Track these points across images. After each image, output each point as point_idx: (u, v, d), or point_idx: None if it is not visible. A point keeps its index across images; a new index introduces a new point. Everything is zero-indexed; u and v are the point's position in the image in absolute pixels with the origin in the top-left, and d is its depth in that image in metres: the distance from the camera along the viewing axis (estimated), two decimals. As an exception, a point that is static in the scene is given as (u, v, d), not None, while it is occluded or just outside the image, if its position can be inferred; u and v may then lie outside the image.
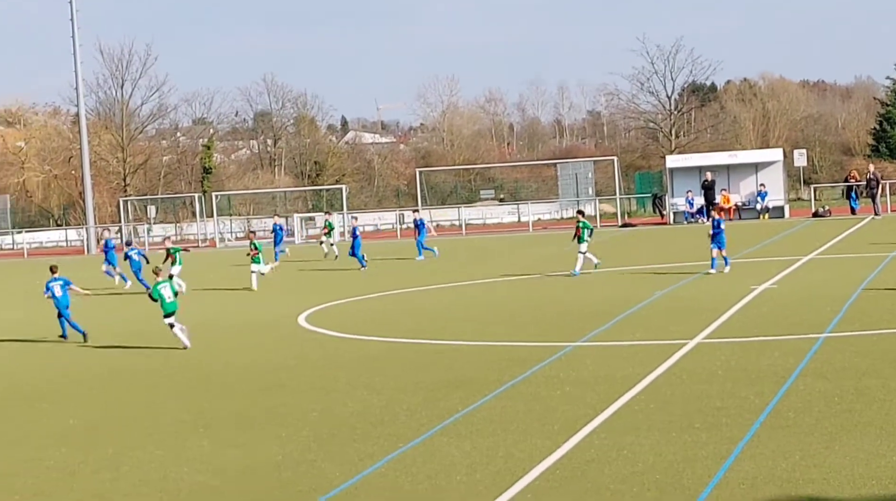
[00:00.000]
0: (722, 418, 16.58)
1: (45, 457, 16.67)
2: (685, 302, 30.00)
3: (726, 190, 71.39)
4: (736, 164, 73.66)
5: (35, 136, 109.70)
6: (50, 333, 31.11)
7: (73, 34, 79.35)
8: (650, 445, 15.24)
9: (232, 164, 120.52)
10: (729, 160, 74.89)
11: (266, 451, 16.20)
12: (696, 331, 24.64)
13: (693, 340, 23.59)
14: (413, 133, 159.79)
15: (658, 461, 14.48)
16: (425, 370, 22.19)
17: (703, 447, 15.03)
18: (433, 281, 40.08)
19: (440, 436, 16.52)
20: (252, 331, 29.83)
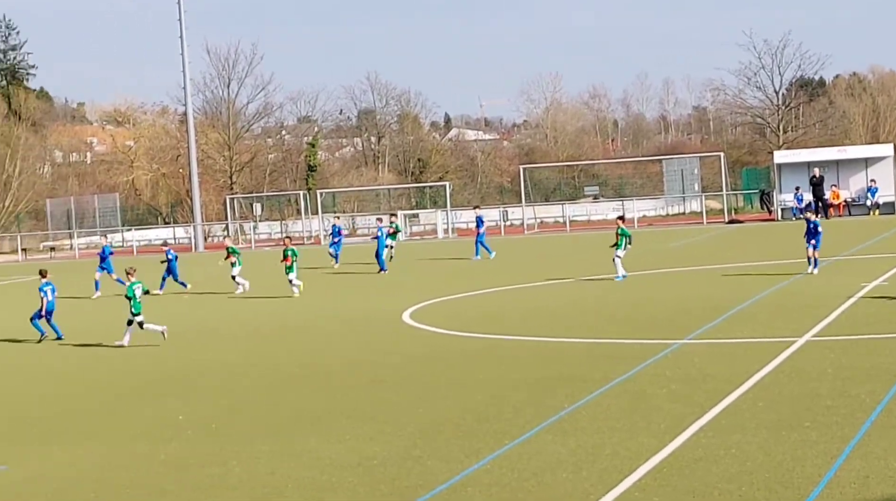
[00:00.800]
0: (832, 417, 16.35)
1: (156, 452, 16.87)
2: (793, 300, 29.62)
3: (836, 185, 70.45)
4: (845, 160, 72.61)
5: (144, 135, 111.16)
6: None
7: (181, 34, 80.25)
8: (758, 444, 15.07)
9: (336, 162, 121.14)
10: (838, 155, 73.84)
11: (372, 447, 16.26)
12: (805, 329, 24.33)
13: (802, 338, 23.30)
14: (516, 130, 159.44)
15: (767, 460, 14.31)
16: (530, 367, 22.14)
17: (812, 446, 14.83)
18: (536, 278, 39.97)
19: (545, 433, 16.47)
20: (356, 328, 29.96)
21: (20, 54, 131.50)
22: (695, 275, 38.20)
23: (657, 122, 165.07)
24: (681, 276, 38.41)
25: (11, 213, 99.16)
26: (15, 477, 16.03)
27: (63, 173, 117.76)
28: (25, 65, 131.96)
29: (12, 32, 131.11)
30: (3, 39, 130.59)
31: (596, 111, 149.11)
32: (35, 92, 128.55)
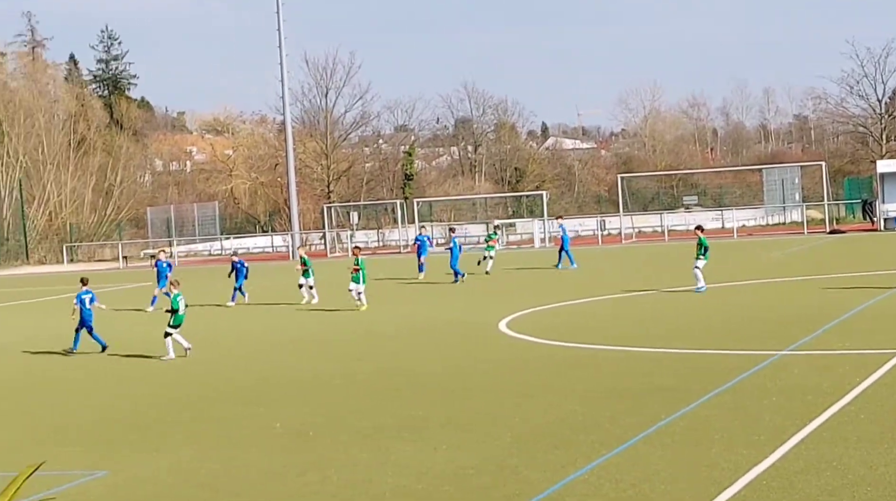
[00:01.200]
0: (936, 430, 16.07)
1: (255, 459, 16.96)
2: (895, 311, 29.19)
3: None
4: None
5: (242, 144, 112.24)
6: (259, 335, 31.74)
7: (280, 44, 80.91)
8: (860, 457, 14.83)
9: (433, 171, 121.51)
10: (942, 165, 72.73)
11: (468, 456, 16.23)
12: (908, 341, 23.95)
13: (905, 350, 22.93)
14: (614, 138, 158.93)
15: (869, 473, 14.08)
16: (628, 377, 22.00)
17: (916, 459, 14.57)
18: (634, 288, 39.75)
19: (643, 444, 16.34)
20: (453, 336, 29.97)
21: (122, 64, 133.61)
22: (795, 286, 37.76)
23: (757, 131, 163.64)
24: (781, 287, 37.99)
25: (113, 221, 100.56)
26: (114, 483, 16.20)
27: (163, 182, 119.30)
28: (127, 75, 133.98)
29: (114, 43, 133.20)
30: (106, 50, 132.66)
31: (695, 120, 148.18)
32: (136, 101, 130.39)
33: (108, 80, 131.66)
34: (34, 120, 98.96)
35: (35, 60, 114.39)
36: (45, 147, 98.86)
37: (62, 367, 28.70)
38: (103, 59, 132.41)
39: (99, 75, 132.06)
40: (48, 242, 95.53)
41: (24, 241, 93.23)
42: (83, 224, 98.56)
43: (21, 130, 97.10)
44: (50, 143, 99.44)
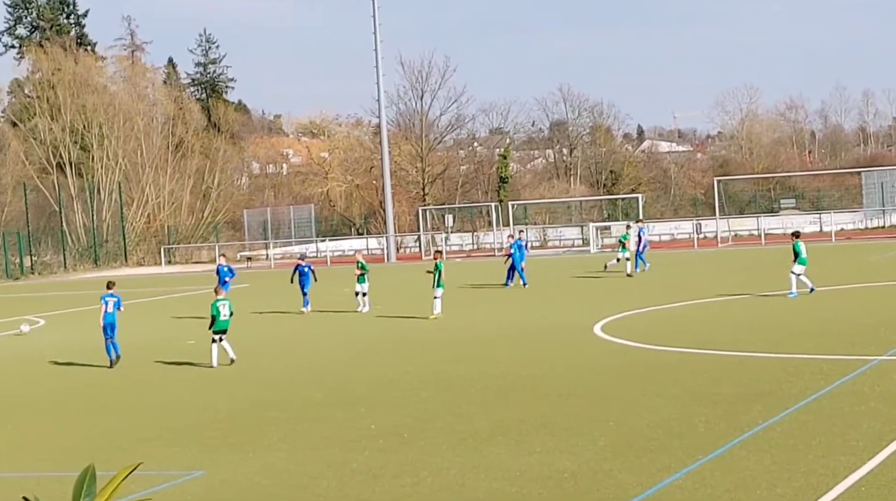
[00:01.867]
0: None
1: (349, 460, 17.05)
2: None
3: None
4: None
5: (338, 147, 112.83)
6: (352, 337, 31.89)
7: (376, 47, 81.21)
8: (962, 465, 14.61)
9: (528, 174, 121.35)
10: None
11: (562, 459, 16.19)
12: None
13: None
14: (710, 141, 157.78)
15: (970, 481, 13.87)
16: (723, 381, 21.83)
17: None
18: (730, 291, 39.42)
19: (739, 449, 16.20)
20: (547, 340, 29.92)
21: (220, 67, 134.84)
22: (894, 290, 37.22)
23: (856, 134, 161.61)
24: (880, 291, 37.48)
25: (210, 223, 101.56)
26: (210, 483, 16.36)
27: (259, 184, 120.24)
28: (224, 78, 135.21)
29: (212, 46, 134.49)
30: (204, 53, 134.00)
31: (793, 122, 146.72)
32: (234, 104, 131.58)
33: (205, 83, 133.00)
34: (133, 123, 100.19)
35: (134, 64, 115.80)
36: (143, 150, 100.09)
37: (160, 369, 29.03)
38: (201, 62, 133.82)
39: (197, 78, 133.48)
40: (146, 244, 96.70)
41: (123, 243, 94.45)
42: (181, 226, 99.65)
43: (120, 133, 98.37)
44: (149, 146, 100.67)
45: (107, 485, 5.07)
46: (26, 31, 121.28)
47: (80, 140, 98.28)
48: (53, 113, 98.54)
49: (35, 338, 38.19)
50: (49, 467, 18.07)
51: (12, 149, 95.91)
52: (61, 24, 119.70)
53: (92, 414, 23.06)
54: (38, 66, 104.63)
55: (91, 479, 5.11)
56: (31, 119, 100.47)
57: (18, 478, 17.40)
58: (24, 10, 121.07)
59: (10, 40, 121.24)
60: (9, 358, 33.42)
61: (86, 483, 5.09)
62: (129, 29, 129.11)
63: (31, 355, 33.11)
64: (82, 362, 30.38)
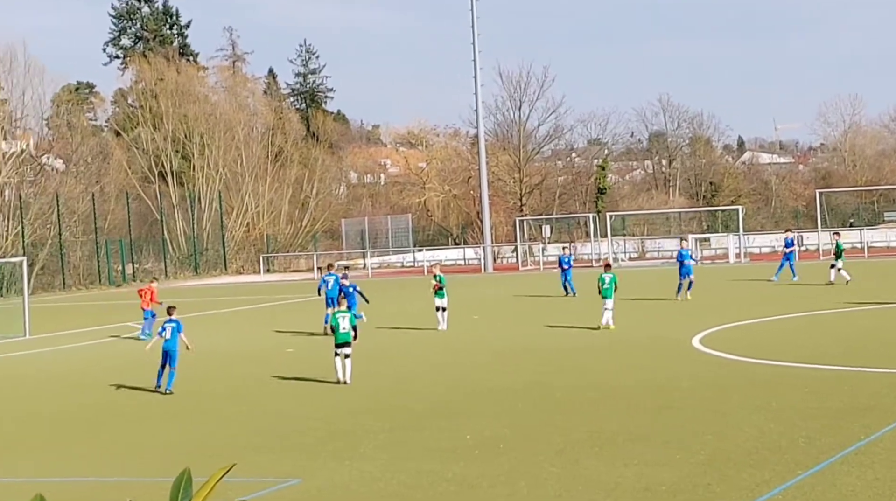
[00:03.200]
0: None
1: (445, 470, 17.01)
2: None
3: None
4: None
5: (436, 157, 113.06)
6: (450, 345, 31.89)
7: (474, 58, 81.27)
8: None
9: (626, 185, 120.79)
10: None
11: (661, 472, 16.04)
12: None
13: None
14: (812, 153, 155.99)
15: None
16: (825, 395, 21.51)
17: None
18: (833, 305, 38.90)
19: (840, 465, 15.95)
20: (645, 352, 29.69)
21: (319, 78, 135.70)
22: None
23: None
24: None
25: (308, 232, 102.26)
26: (308, 490, 16.41)
27: (357, 194, 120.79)
28: (324, 88, 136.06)
29: (312, 57, 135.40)
30: (304, 64, 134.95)
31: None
32: (332, 115, 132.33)
33: (305, 93, 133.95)
34: (233, 132, 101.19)
35: (235, 74, 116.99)
36: (243, 159, 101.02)
37: (258, 376, 29.20)
38: (301, 72, 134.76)
39: (297, 89, 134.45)
40: (245, 252, 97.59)
41: (223, 251, 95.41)
42: (279, 235, 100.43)
43: (221, 143, 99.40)
44: (248, 156, 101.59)
45: (201, 488, 5.07)
46: (130, 41, 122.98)
47: (182, 149, 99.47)
48: (156, 122, 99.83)
49: (135, 345, 38.63)
50: (147, 473, 18.23)
51: (115, 159, 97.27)
52: (164, 35, 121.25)
53: (190, 421, 23.26)
54: (141, 76, 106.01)
55: (187, 482, 5.11)
56: (133, 128, 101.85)
57: (117, 483, 17.57)
58: (128, 21, 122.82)
59: (115, 51, 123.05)
60: (109, 365, 33.80)
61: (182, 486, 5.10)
62: (231, 39, 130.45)
63: (132, 362, 33.48)
64: (182, 369, 30.60)
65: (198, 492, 5.04)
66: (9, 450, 21.13)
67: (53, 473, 18.71)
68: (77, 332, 44.37)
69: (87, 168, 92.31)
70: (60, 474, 18.61)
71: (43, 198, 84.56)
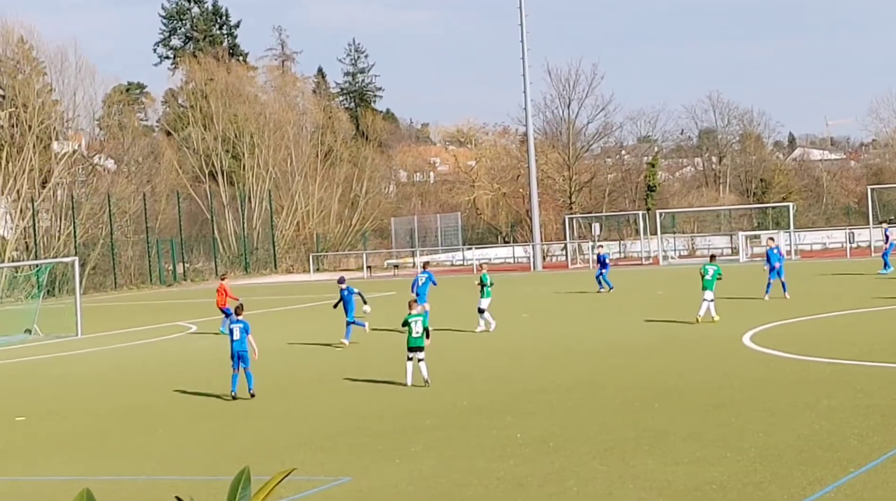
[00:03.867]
0: None
1: (495, 468, 17.03)
2: None
3: None
4: None
5: (485, 156, 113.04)
6: (503, 346, 31.90)
7: (523, 56, 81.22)
8: None
9: (676, 182, 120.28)
10: None
11: (711, 471, 15.99)
12: None
13: None
14: (864, 149, 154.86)
15: None
16: (878, 394, 21.36)
17: None
18: (881, 302, 38.62)
19: (893, 463, 15.85)
20: (695, 350, 29.59)
21: (368, 77, 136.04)
22: None
23: None
24: None
25: (358, 231, 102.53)
26: (358, 489, 16.46)
27: (407, 192, 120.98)
28: (373, 87, 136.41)
29: (361, 56, 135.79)
30: (353, 63, 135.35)
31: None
32: (381, 113, 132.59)
33: (354, 92, 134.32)
34: (283, 132, 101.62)
35: (284, 73, 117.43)
36: (293, 158, 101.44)
37: (309, 375, 29.33)
38: (350, 71, 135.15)
39: (346, 88, 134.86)
40: (295, 251, 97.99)
41: (273, 250, 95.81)
42: (329, 233, 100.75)
43: (271, 142, 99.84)
44: (298, 155, 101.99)
45: (261, 489, 5.12)
46: (180, 41, 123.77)
47: (232, 149, 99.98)
48: (206, 122, 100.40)
49: (187, 344, 38.86)
50: (198, 472, 18.35)
51: (166, 158, 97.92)
52: (214, 35, 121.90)
53: (243, 419, 23.38)
54: (191, 77, 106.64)
55: (246, 482, 5.16)
56: (184, 128, 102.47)
57: (171, 481, 17.69)
58: (178, 22, 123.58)
59: (165, 51, 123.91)
60: (162, 363, 34.03)
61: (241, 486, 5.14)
62: (280, 39, 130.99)
63: (186, 361, 33.68)
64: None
65: (256, 493, 5.08)
66: (60, 449, 21.31)
67: (105, 472, 18.86)
68: (128, 331, 44.71)
69: (138, 168, 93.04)
70: (112, 473, 18.75)
71: (95, 198, 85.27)
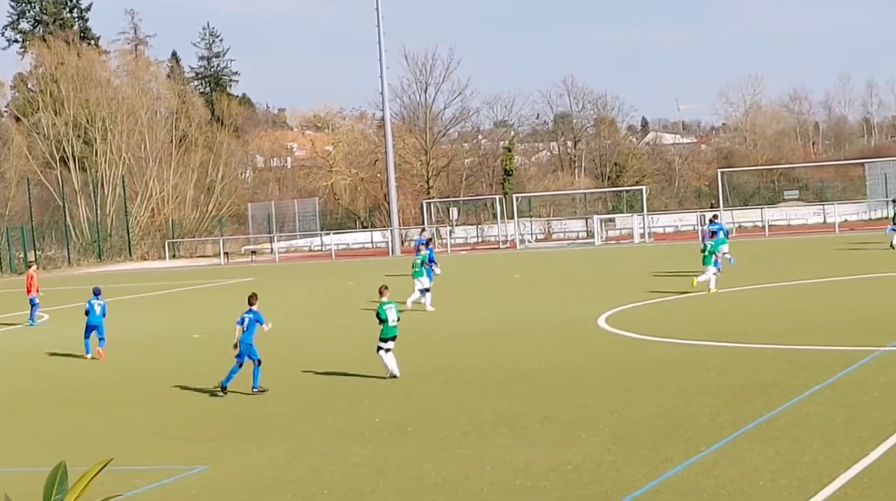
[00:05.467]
0: None
1: (353, 454, 17.07)
2: None
3: None
4: None
5: (342, 140, 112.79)
6: (363, 331, 31.96)
7: (380, 40, 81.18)
8: (965, 455, 14.62)
9: (532, 166, 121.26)
10: None
11: (567, 452, 16.21)
12: None
13: None
14: (715, 133, 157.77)
15: (974, 471, 13.88)
16: (727, 373, 21.82)
17: None
18: (736, 284, 39.40)
19: (743, 441, 16.22)
20: (553, 332, 29.93)
21: (223, 61, 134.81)
22: (898, 281, 37.25)
23: (860, 125, 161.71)
24: (884, 282, 37.47)
25: (214, 217, 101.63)
26: (213, 477, 16.38)
27: (264, 178, 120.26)
28: (228, 72, 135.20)
29: (216, 40, 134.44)
30: (208, 47, 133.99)
31: (796, 114, 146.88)
32: (237, 98, 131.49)
33: (209, 77, 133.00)
34: (136, 117, 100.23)
35: (137, 58, 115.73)
36: (147, 144, 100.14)
37: (165, 364, 29.06)
38: (205, 56, 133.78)
39: (201, 72, 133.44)
40: (150, 238, 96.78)
41: (128, 237, 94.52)
42: (185, 220, 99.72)
43: (124, 128, 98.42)
44: (152, 140, 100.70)
45: (76, 483, 5.02)
46: (29, 25, 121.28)
47: (84, 134, 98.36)
48: (57, 107, 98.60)
49: (38, 333, 38.22)
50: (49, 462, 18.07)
51: (16, 144, 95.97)
52: (64, 19, 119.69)
53: (98, 410, 23.06)
54: (41, 61, 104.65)
55: (62, 476, 5.07)
56: (34, 113, 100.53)
57: (20, 474, 17.41)
58: (27, 5, 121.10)
59: (14, 34, 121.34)
60: (11, 353, 33.43)
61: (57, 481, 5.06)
62: (133, 23, 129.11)
63: (35, 350, 33.12)
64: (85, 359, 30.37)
65: (73, 487, 4.99)
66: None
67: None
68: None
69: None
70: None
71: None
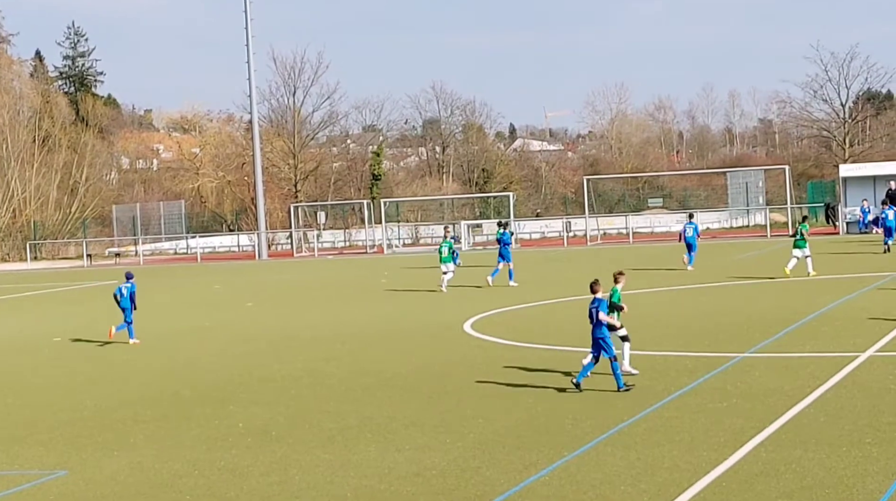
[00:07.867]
0: (894, 433, 16.20)
1: (216, 459, 16.97)
2: (857, 314, 29.34)
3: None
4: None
5: (209, 143, 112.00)
6: (231, 335, 31.71)
7: (248, 43, 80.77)
8: (819, 459, 14.95)
9: (401, 171, 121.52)
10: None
11: (432, 456, 16.28)
12: (869, 344, 24.10)
13: (865, 353, 23.08)
14: (581, 140, 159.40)
15: (827, 476, 14.20)
16: (591, 379, 22.03)
17: (874, 462, 14.70)
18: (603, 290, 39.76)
19: (605, 446, 16.42)
20: (419, 337, 30.00)
21: (89, 61, 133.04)
22: (758, 288, 37.94)
23: (722, 135, 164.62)
24: (744, 289, 38.17)
25: (78, 219, 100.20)
26: (73, 482, 16.16)
27: (129, 180, 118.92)
28: (93, 71, 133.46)
29: (81, 39, 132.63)
30: (72, 46, 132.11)
31: (661, 122, 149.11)
32: (103, 99, 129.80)
33: (74, 76, 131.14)
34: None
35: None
36: (8, 144, 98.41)
37: (26, 368, 28.59)
38: (69, 55, 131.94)
39: (65, 72, 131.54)
40: (11, 240, 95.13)
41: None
42: (47, 221, 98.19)
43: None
44: (14, 140, 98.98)
45: None
46: None
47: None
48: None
49: None
50: None
51: None
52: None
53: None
54: None
55: None
56: None
57: None
58: None
59: None
60: None
61: None
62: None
63: None
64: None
65: None
66: None
67: None
68: None
69: None
70: None
71: None
